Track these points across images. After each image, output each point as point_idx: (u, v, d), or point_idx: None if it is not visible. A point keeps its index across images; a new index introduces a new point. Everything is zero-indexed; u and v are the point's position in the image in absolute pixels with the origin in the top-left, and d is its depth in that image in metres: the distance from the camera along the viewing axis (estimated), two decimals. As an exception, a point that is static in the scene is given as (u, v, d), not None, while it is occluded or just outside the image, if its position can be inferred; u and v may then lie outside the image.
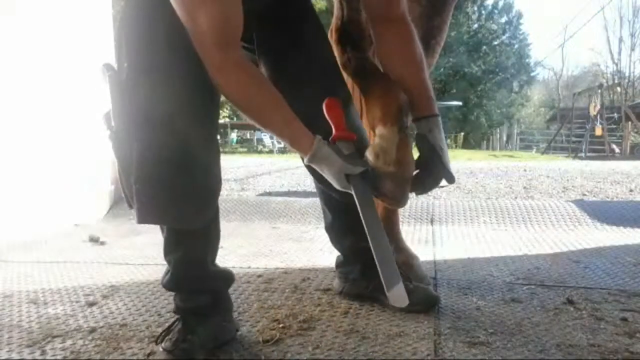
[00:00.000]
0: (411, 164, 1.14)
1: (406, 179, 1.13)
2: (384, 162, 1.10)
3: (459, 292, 1.48)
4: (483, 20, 27.06)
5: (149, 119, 0.96)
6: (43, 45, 2.55)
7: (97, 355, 1.08)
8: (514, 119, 28.32)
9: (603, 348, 1.07)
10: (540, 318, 1.26)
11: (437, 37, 1.52)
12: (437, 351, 1.06)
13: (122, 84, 0.97)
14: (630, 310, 1.30)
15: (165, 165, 0.97)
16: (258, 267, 1.83)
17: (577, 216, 2.67)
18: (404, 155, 1.12)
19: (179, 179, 0.98)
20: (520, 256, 1.97)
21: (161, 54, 0.96)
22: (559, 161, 10.86)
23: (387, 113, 1.14)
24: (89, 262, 1.93)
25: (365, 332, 1.17)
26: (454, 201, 3.03)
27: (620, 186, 4.50)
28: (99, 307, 1.40)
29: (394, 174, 1.11)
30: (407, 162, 1.13)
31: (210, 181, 1.04)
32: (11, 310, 1.39)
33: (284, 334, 1.17)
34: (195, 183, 1.01)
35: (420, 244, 2.20)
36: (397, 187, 1.12)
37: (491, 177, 5.41)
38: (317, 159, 1.05)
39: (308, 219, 2.82)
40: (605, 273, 1.68)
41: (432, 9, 1.48)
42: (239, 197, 3.62)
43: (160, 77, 0.96)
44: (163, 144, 0.96)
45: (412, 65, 1.18)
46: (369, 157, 1.12)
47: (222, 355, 1.06)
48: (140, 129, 0.96)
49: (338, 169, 1.06)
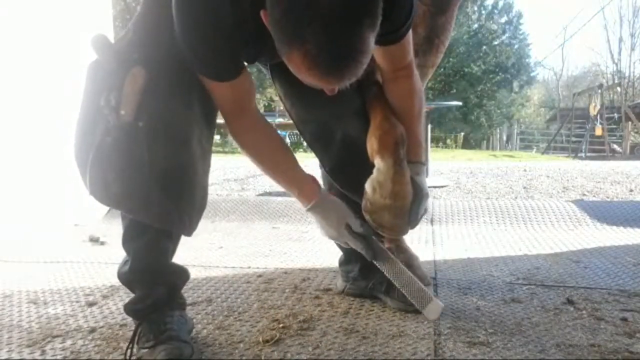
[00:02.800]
0: (408, 195, 1.17)
1: (404, 210, 1.17)
2: (381, 195, 1.15)
3: (459, 292, 1.48)
4: (483, 20, 27.04)
5: (166, 128, 0.98)
6: (43, 45, 2.56)
7: (97, 355, 1.08)
8: (514, 119, 28.30)
9: (603, 348, 1.07)
10: (540, 318, 1.26)
11: (441, 36, 1.52)
12: (437, 351, 1.06)
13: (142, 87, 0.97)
14: (630, 310, 1.30)
15: (172, 174, 1.00)
16: (258, 267, 1.83)
17: (577, 216, 2.67)
18: (400, 187, 1.15)
19: (183, 187, 1.03)
20: (520, 256, 1.96)
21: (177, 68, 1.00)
22: (559, 161, 10.86)
23: (384, 146, 1.17)
24: (89, 262, 1.93)
25: (365, 332, 1.17)
26: (454, 201, 3.03)
27: (620, 186, 4.50)
28: (99, 307, 1.40)
29: (391, 206, 1.15)
30: (404, 194, 1.16)
31: (204, 193, 1.10)
32: (11, 310, 1.39)
33: (284, 334, 1.17)
34: (193, 194, 1.05)
35: (420, 244, 2.20)
36: (395, 219, 1.17)
37: (491, 177, 5.41)
38: (322, 206, 1.16)
39: (308, 219, 2.82)
40: (605, 273, 1.68)
41: (436, 7, 1.48)
42: (239, 197, 3.62)
43: (180, 90, 1.00)
44: (173, 155, 0.99)
45: (408, 118, 1.23)
46: (367, 190, 1.17)
47: (223, 355, 1.06)
48: (154, 138, 0.97)
49: (343, 216, 1.17)
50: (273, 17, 0.82)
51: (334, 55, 0.81)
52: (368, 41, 0.82)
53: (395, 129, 1.19)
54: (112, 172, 0.97)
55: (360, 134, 1.25)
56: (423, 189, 1.21)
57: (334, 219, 1.18)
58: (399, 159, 1.16)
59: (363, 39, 0.81)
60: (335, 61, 0.81)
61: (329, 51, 0.80)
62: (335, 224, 1.18)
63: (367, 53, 0.83)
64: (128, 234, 1.10)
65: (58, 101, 2.62)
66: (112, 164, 0.97)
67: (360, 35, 0.81)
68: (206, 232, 2.51)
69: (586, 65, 38.38)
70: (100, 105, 0.96)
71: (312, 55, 0.81)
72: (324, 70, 0.82)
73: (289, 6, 0.80)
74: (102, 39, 0.98)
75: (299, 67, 0.84)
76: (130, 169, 0.97)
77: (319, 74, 0.83)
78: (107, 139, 0.96)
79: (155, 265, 1.10)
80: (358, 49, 0.82)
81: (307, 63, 0.82)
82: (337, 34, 0.79)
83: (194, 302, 1.41)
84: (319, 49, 0.80)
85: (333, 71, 0.83)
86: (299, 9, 0.79)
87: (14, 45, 2.42)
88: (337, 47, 0.80)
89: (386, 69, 1.20)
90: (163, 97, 0.98)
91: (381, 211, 1.16)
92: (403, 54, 1.15)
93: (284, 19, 0.81)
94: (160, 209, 1.00)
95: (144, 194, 0.99)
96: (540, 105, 35.95)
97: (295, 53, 0.82)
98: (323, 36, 0.79)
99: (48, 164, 2.58)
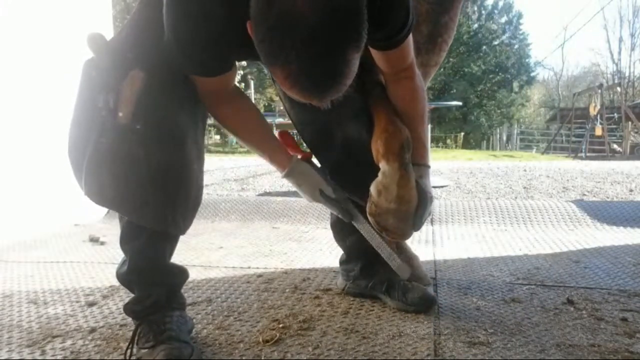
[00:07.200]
0: (413, 199, 1.17)
1: (409, 214, 1.17)
2: (386, 199, 1.15)
3: (459, 292, 1.48)
4: (483, 20, 27.06)
5: (163, 129, 0.99)
6: (43, 45, 2.56)
7: (97, 355, 1.08)
8: (514, 119, 28.30)
9: (603, 348, 1.07)
10: (540, 318, 1.26)
11: (444, 35, 1.51)
12: (437, 351, 1.06)
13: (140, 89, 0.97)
14: (630, 310, 1.30)
15: (169, 175, 1.01)
16: (258, 267, 1.83)
17: (577, 216, 2.67)
18: (405, 191, 1.15)
19: (179, 188, 1.03)
20: (520, 256, 1.96)
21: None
22: (559, 161, 10.86)
23: (390, 149, 1.17)
24: (89, 262, 1.93)
25: (365, 332, 1.17)
26: (454, 201, 3.03)
27: (620, 186, 4.50)
28: (99, 307, 1.40)
29: (396, 210, 1.15)
30: (409, 198, 1.16)
31: (199, 191, 1.11)
32: (11, 310, 1.39)
33: (284, 334, 1.17)
34: (189, 194, 1.06)
35: (420, 244, 2.20)
36: (399, 223, 1.17)
37: (491, 177, 5.41)
38: (295, 173, 1.20)
39: (308, 219, 2.82)
40: (605, 273, 1.68)
41: (439, 6, 1.47)
42: (239, 197, 3.62)
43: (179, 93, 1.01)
44: (169, 157, 1.00)
45: (411, 120, 1.23)
46: (372, 193, 1.17)
47: (223, 355, 1.06)
48: (151, 139, 0.98)
49: (315, 183, 1.20)
50: (257, 35, 0.81)
51: (316, 78, 0.80)
52: (352, 63, 0.81)
53: (401, 132, 1.18)
54: (108, 174, 0.97)
55: (360, 135, 1.25)
56: (428, 193, 1.20)
57: (308, 186, 1.21)
58: (405, 162, 1.16)
59: (346, 61, 0.80)
60: (316, 83, 0.81)
61: (310, 74, 0.79)
62: (309, 190, 1.22)
63: (351, 74, 0.83)
64: (125, 234, 1.10)
65: (58, 101, 2.61)
66: (108, 165, 0.97)
67: (343, 57, 0.80)
68: (206, 232, 2.51)
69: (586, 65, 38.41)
70: (98, 107, 0.96)
71: (294, 76, 0.80)
72: (306, 90, 0.82)
73: (272, 26, 0.78)
74: (98, 38, 0.98)
75: (281, 83, 0.84)
76: (126, 170, 0.97)
77: (300, 93, 0.83)
78: (103, 140, 0.96)
79: (153, 266, 1.11)
80: (341, 71, 0.81)
81: (289, 82, 0.82)
82: (320, 56, 0.78)
83: (194, 302, 1.41)
84: (301, 71, 0.79)
85: (314, 92, 0.82)
86: (282, 30, 0.77)
87: (14, 45, 2.42)
88: (319, 70, 0.79)
89: (387, 71, 1.19)
90: (159, 99, 0.98)
91: (386, 215, 1.16)
92: (402, 57, 1.15)
93: (267, 39, 0.79)
94: (156, 211, 1.00)
95: (139, 195, 0.99)
96: (540, 105, 35.98)
97: (278, 71, 0.82)
98: (305, 59, 0.78)
99: (48, 163, 2.58)
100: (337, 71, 0.81)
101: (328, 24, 0.77)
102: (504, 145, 27.35)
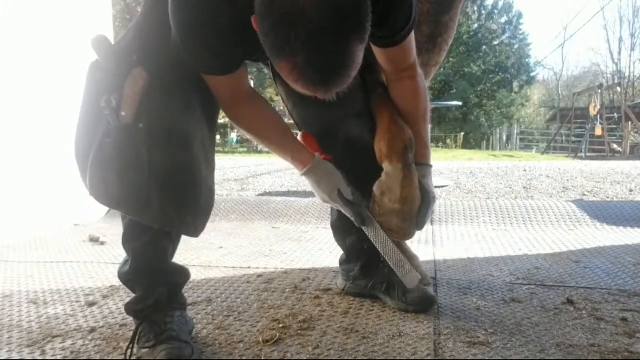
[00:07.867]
0: (416, 199, 1.18)
1: (412, 214, 1.17)
2: (389, 199, 1.16)
3: (459, 292, 1.48)
4: (483, 20, 27.04)
5: (165, 131, 0.98)
6: (43, 46, 2.55)
7: (97, 355, 1.08)
8: (514, 119, 28.28)
9: (603, 348, 1.07)
10: (540, 318, 1.26)
11: (444, 35, 1.51)
12: (437, 351, 1.06)
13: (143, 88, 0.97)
14: (630, 310, 1.30)
15: (174, 175, 1.00)
16: (258, 267, 1.83)
17: (577, 216, 2.67)
18: (409, 192, 1.16)
19: (185, 189, 1.03)
20: (520, 256, 1.96)
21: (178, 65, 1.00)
22: (559, 161, 10.86)
23: (393, 150, 1.17)
24: (89, 262, 1.93)
25: (365, 332, 1.17)
26: (454, 201, 3.03)
27: (620, 186, 4.50)
28: (99, 307, 1.40)
29: (400, 211, 1.15)
30: (412, 198, 1.17)
31: (210, 193, 1.10)
32: (11, 310, 1.39)
33: (284, 334, 1.17)
34: (198, 195, 1.05)
35: (420, 244, 2.20)
36: (403, 223, 1.17)
37: (491, 177, 5.41)
38: (317, 171, 1.17)
39: (308, 219, 2.82)
40: (605, 273, 1.68)
41: (440, 6, 1.47)
42: (239, 197, 3.62)
43: (181, 92, 1.01)
44: (173, 156, 0.99)
45: (413, 119, 1.23)
46: (376, 193, 1.17)
47: (223, 355, 1.06)
48: (154, 139, 0.97)
49: (335, 183, 1.17)
50: (262, 29, 0.82)
51: (321, 70, 0.81)
52: (356, 55, 0.82)
53: (404, 133, 1.19)
54: (112, 173, 0.97)
55: (362, 134, 1.25)
56: (430, 193, 1.21)
57: (327, 185, 1.18)
58: (408, 163, 1.16)
59: (351, 53, 0.81)
60: (322, 75, 0.82)
61: (316, 65, 0.80)
62: (327, 189, 1.18)
63: (355, 66, 0.84)
64: (128, 234, 1.10)
65: (58, 101, 2.62)
66: (112, 165, 0.97)
67: (348, 50, 0.81)
68: (206, 232, 2.49)
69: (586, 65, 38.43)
70: (101, 107, 0.96)
71: (300, 68, 0.81)
72: (311, 83, 0.83)
73: (277, 20, 0.79)
74: (102, 40, 0.98)
75: (287, 77, 0.85)
76: (130, 170, 0.97)
77: (306, 85, 0.84)
78: (107, 140, 0.97)
79: (155, 266, 1.11)
80: (345, 63, 0.82)
81: (295, 75, 0.82)
82: (325, 48, 0.79)
83: (194, 302, 1.41)
84: (306, 63, 0.80)
85: (320, 84, 0.83)
86: (287, 23, 0.78)
87: (14, 46, 2.42)
88: (325, 62, 0.80)
89: (389, 70, 1.19)
90: (163, 99, 0.98)
91: (389, 215, 1.16)
92: (405, 55, 1.15)
93: (273, 32, 0.80)
94: (160, 210, 1.00)
95: (144, 195, 0.99)
96: (540, 105, 35.97)
97: (284, 64, 0.82)
98: (310, 51, 0.79)
99: (48, 164, 2.58)
100: (342, 63, 0.81)
101: (333, 16, 0.78)
102: (504, 145, 27.33)
